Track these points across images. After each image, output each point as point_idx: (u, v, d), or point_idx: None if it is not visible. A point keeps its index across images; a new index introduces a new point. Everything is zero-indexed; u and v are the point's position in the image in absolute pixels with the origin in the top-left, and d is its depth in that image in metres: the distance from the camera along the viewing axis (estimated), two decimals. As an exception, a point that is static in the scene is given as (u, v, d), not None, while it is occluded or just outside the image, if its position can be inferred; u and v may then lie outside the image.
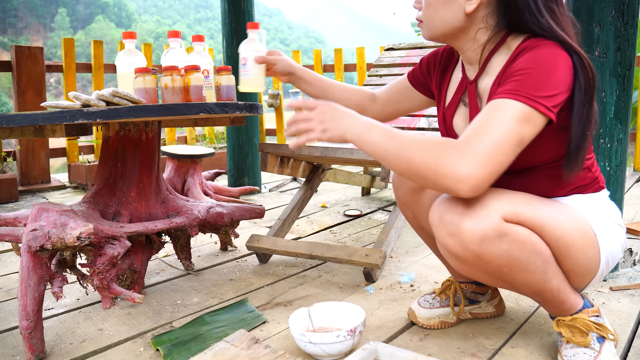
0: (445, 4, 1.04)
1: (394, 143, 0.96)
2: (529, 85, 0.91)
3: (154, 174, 1.65)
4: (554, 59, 0.94)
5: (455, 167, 0.89)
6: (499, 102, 0.92)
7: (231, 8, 3.18)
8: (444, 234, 1.00)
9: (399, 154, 0.95)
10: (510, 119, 0.90)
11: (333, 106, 1.04)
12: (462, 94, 1.16)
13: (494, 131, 0.89)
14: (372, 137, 0.98)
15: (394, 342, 1.28)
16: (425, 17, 1.09)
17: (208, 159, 4.25)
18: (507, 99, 0.92)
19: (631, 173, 3.91)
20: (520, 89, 0.91)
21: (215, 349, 1.10)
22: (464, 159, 0.89)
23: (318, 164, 2.18)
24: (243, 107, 1.48)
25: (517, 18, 1.01)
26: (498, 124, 0.90)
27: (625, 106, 1.65)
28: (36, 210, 1.29)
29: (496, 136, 0.89)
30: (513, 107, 0.90)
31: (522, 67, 0.94)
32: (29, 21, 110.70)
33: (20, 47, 3.71)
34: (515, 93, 0.91)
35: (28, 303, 1.22)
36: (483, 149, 0.89)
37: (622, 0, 1.58)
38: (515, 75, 0.94)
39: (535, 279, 1.02)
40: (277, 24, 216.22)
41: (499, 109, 0.91)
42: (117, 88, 1.34)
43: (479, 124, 0.91)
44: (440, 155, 0.90)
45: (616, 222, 1.12)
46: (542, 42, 0.97)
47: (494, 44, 1.06)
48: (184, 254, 1.84)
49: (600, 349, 1.08)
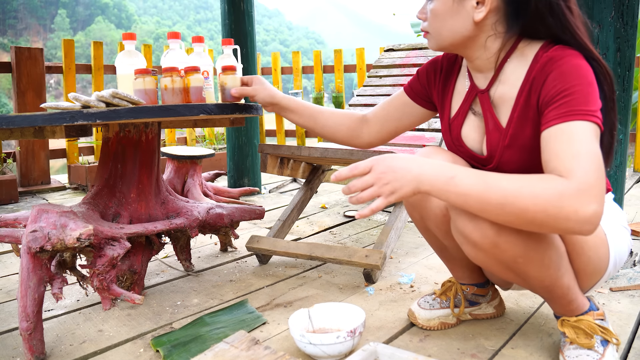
0: (454, 14, 1.01)
1: (493, 193, 0.87)
2: (582, 102, 0.91)
3: (153, 175, 1.65)
4: (587, 72, 0.93)
5: (579, 209, 0.83)
6: (569, 128, 0.90)
7: (231, 9, 3.18)
8: (464, 219, 1.00)
9: (503, 205, 0.87)
10: (590, 140, 0.88)
11: (389, 161, 0.93)
12: (470, 103, 1.13)
13: (590, 158, 0.87)
14: (458, 189, 0.90)
15: (393, 343, 1.28)
16: (432, 28, 1.06)
17: (208, 160, 4.25)
18: (573, 121, 0.90)
19: (631, 174, 3.91)
20: (578, 109, 0.90)
21: (215, 350, 1.10)
22: (584, 198, 0.84)
23: (318, 165, 2.18)
24: (243, 108, 1.48)
25: (532, 24, 0.99)
26: (588, 149, 0.87)
27: (625, 107, 1.65)
28: (36, 212, 1.29)
29: (595, 162, 0.87)
30: (585, 128, 0.89)
31: (566, 87, 0.92)
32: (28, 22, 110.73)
33: (20, 48, 3.71)
34: (577, 113, 0.90)
35: (28, 304, 1.22)
36: (592, 180, 0.85)
37: (622, 1, 1.58)
38: (562, 96, 0.92)
39: (549, 273, 1.02)
40: (277, 24, 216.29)
41: (577, 135, 0.88)
42: (116, 89, 1.34)
43: (571, 155, 0.87)
44: (557, 198, 0.84)
45: (623, 224, 1.12)
46: (568, 53, 0.95)
47: (506, 51, 1.04)
48: (184, 255, 1.84)
49: (604, 352, 1.08)
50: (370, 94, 2.58)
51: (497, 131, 1.07)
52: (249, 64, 3.23)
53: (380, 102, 2.44)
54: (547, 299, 1.12)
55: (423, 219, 1.23)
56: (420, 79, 1.25)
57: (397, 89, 2.51)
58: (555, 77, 0.94)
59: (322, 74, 5.26)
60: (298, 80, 5.34)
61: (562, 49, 0.96)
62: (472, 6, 0.99)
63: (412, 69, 2.60)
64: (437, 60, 1.23)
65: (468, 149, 1.14)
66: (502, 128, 1.06)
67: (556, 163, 0.89)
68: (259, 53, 5.07)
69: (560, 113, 0.91)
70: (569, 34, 0.97)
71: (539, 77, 0.97)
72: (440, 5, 1.02)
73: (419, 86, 1.26)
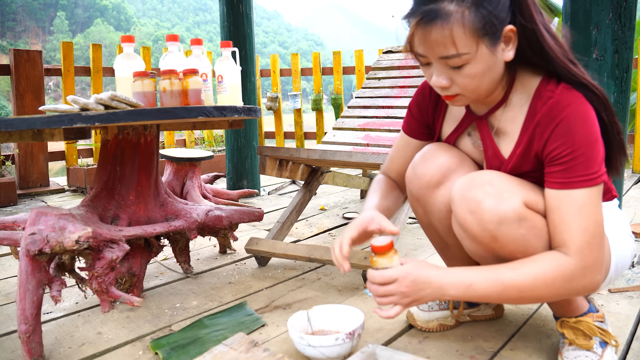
0: (493, 67, 0.95)
1: (511, 291, 0.96)
2: (590, 165, 0.93)
3: (152, 178, 1.65)
4: (592, 125, 0.94)
5: (586, 285, 0.96)
6: (579, 197, 0.94)
7: (230, 11, 3.18)
8: (465, 211, 1.01)
9: (522, 298, 0.97)
10: (596, 208, 0.95)
11: (413, 277, 0.99)
12: (466, 127, 1.14)
13: (597, 232, 0.95)
14: (477, 294, 0.98)
15: (392, 344, 1.28)
16: (467, 90, 0.97)
17: (207, 162, 4.25)
18: (581, 189, 0.94)
19: (630, 175, 3.92)
20: (587, 173, 0.93)
21: (214, 352, 1.10)
22: (591, 276, 0.95)
23: (317, 167, 2.18)
24: (241, 110, 1.48)
25: (532, 54, 0.99)
26: (595, 221, 0.94)
27: (623, 108, 1.66)
28: (35, 214, 1.29)
29: (600, 235, 0.95)
30: (592, 195, 0.94)
31: (570, 150, 0.94)
32: (27, 25, 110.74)
33: (19, 50, 3.71)
34: (583, 180, 0.94)
35: (27, 307, 1.22)
36: (599, 256, 0.95)
37: (620, 3, 1.58)
38: (572, 157, 0.94)
39: None
40: (276, 26, 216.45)
41: (586, 207, 0.94)
42: (115, 92, 1.34)
43: (582, 230, 0.94)
44: (568, 283, 0.94)
45: (627, 232, 1.12)
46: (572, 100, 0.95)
47: (509, 81, 1.03)
48: (183, 257, 1.84)
49: (603, 353, 1.08)
50: (369, 95, 2.58)
51: (496, 159, 1.08)
52: (247, 66, 3.23)
53: (379, 103, 2.45)
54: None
55: (427, 214, 1.21)
56: (413, 114, 1.24)
57: (395, 90, 2.51)
58: (563, 133, 0.94)
59: (321, 76, 5.26)
60: (297, 82, 5.35)
61: (567, 92, 0.96)
62: (502, 49, 0.95)
63: (410, 70, 2.61)
64: (424, 87, 1.20)
65: None
66: (502, 158, 1.07)
67: (565, 238, 0.95)
68: (258, 55, 5.07)
69: (569, 177, 0.94)
70: (557, 66, 0.97)
71: (545, 124, 0.97)
72: (479, 66, 0.93)
73: (415, 122, 1.24)
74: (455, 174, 1.12)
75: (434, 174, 1.13)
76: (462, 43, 0.90)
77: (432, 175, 1.13)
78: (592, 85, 0.97)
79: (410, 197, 1.22)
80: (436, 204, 1.16)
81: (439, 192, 1.14)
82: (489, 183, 0.99)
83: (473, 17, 0.88)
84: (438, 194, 1.15)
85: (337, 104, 5.16)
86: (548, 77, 0.99)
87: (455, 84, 0.97)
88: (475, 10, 0.88)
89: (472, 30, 0.89)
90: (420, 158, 1.16)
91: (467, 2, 0.89)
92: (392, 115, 2.35)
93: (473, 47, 0.91)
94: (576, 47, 1.67)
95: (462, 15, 0.88)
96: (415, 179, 1.17)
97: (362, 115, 2.45)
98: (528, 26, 0.94)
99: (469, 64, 0.93)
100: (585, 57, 1.65)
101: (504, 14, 0.91)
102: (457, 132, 1.15)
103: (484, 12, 0.89)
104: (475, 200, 0.99)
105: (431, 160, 1.14)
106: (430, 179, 1.14)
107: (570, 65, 0.97)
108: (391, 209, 1.24)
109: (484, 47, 0.91)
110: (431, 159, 1.14)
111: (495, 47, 0.93)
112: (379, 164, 1.69)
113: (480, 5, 0.88)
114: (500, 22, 0.91)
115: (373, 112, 2.43)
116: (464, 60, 0.92)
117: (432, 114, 1.20)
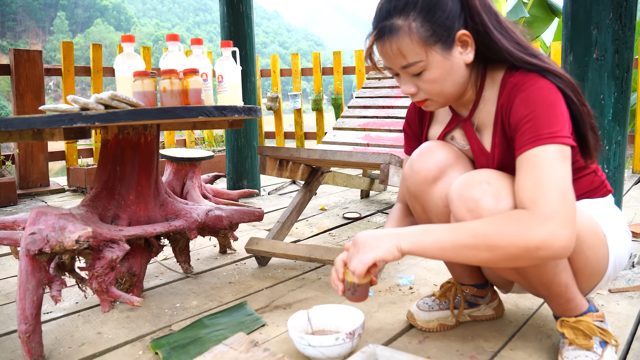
0: (450, 70, 1.01)
1: (463, 234, 0.93)
2: (544, 125, 0.94)
3: (152, 177, 1.65)
4: (548, 92, 0.97)
5: (545, 237, 0.88)
6: (533, 155, 0.94)
7: (230, 11, 3.18)
8: (463, 210, 1.01)
9: (475, 245, 0.92)
10: (554, 164, 0.92)
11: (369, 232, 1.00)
12: (450, 130, 1.19)
13: (552, 184, 0.91)
14: (432, 238, 0.95)
15: (392, 344, 1.28)
16: (432, 94, 1.05)
17: (207, 162, 4.25)
18: (535, 147, 0.94)
19: (630, 175, 3.92)
20: (539, 133, 0.94)
21: (214, 352, 1.10)
22: (548, 226, 0.89)
23: (317, 167, 2.18)
24: (242, 110, 1.48)
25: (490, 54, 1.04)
26: (550, 175, 0.91)
27: (623, 108, 1.66)
28: (35, 214, 1.29)
29: (557, 187, 0.91)
30: (548, 153, 0.93)
31: (527, 113, 0.96)
32: (28, 24, 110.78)
33: (19, 50, 3.71)
34: (538, 139, 0.93)
35: (26, 307, 1.22)
36: (556, 206, 0.89)
37: (620, 3, 1.58)
38: (525, 122, 0.96)
39: (546, 269, 1.02)
40: (276, 27, 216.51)
41: (539, 162, 0.93)
42: (115, 91, 1.34)
43: (533, 185, 0.92)
44: (523, 231, 0.89)
45: (624, 228, 1.12)
46: (528, 78, 0.99)
47: (480, 79, 1.09)
48: (183, 257, 1.84)
49: (603, 353, 1.08)
50: (369, 95, 2.58)
51: (483, 156, 1.12)
52: (248, 66, 3.23)
53: (379, 103, 2.45)
54: (545, 298, 1.12)
55: (425, 211, 1.21)
56: (407, 133, 1.31)
57: (395, 90, 2.51)
58: (518, 103, 0.98)
59: (321, 76, 5.26)
60: (297, 82, 5.35)
61: (523, 75, 1.01)
62: (459, 52, 1.01)
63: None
64: (411, 105, 1.28)
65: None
66: (487, 152, 1.11)
67: (521, 195, 0.94)
68: (258, 55, 5.07)
69: (525, 140, 0.96)
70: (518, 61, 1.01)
71: (506, 104, 1.02)
72: (436, 71, 1.01)
73: (411, 141, 1.31)
74: (452, 170, 1.13)
75: (431, 169, 1.14)
76: (413, 52, 0.98)
77: (429, 171, 1.14)
78: (554, 70, 1.00)
79: (408, 194, 1.23)
80: (433, 200, 1.17)
81: (436, 188, 1.15)
82: (487, 182, 1.00)
83: (419, 27, 0.97)
84: (435, 189, 1.16)
85: (337, 104, 5.16)
86: (510, 68, 1.04)
87: (421, 90, 1.05)
88: (421, 21, 0.97)
89: (419, 40, 0.97)
90: (417, 154, 1.18)
91: (414, 15, 0.97)
92: (392, 115, 2.35)
93: (423, 54, 0.99)
94: (576, 47, 1.67)
95: (409, 28, 0.97)
96: (412, 175, 1.19)
97: (362, 115, 2.45)
98: (480, 29, 1.00)
99: (426, 70, 1.01)
100: (585, 57, 1.65)
101: (452, 20, 0.98)
102: (444, 133, 1.20)
103: (430, 22, 0.96)
104: (473, 199, 0.99)
105: (428, 156, 1.15)
106: (427, 174, 1.15)
107: (528, 58, 1.01)
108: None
109: (436, 54, 0.99)
110: (428, 155, 1.15)
111: (450, 52, 1.00)
112: (379, 163, 1.69)
113: (426, 16, 0.96)
114: (449, 29, 0.98)
115: (373, 112, 2.43)
116: (420, 67, 1.00)
117: (419, 123, 1.27)
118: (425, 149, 1.17)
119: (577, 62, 1.67)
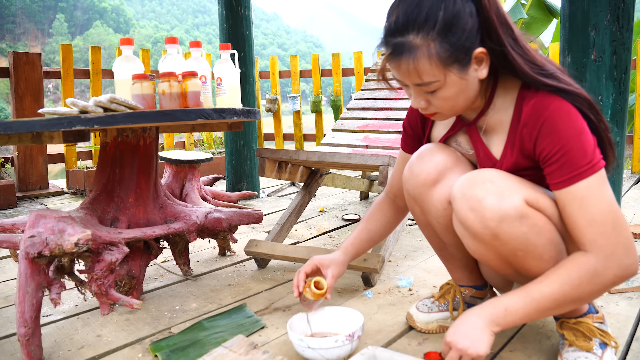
0: (465, 87, 1.00)
1: (546, 305, 0.97)
2: (579, 158, 0.94)
3: (152, 180, 1.65)
4: (575, 119, 0.96)
5: (616, 273, 0.94)
6: (578, 191, 0.95)
7: (229, 13, 3.19)
8: (466, 208, 1.01)
9: (559, 306, 0.97)
10: (600, 194, 0.94)
11: (460, 331, 1.00)
12: (454, 133, 1.18)
13: (605, 218, 0.94)
14: (517, 317, 0.98)
15: (392, 346, 1.28)
16: (443, 108, 1.04)
17: (206, 164, 4.25)
18: (578, 182, 0.94)
19: (628, 176, 3.92)
20: (578, 167, 0.94)
21: (213, 354, 1.10)
22: (615, 262, 0.93)
23: (316, 169, 2.18)
24: (240, 112, 1.48)
25: (504, 70, 1.03)
26: (600, 207, 0.94)
27: (621, 109, 1.66)
28: (34, 217, 1.29)
29: (610, 219, 0.94)
30: (591, 184, 0.94)
31: (559, 147, 0.95)
32: (27, 27, 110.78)
33: (18, 53, 3.71)
34: (579, 173, 0.94)
35: (26, 310, 1.22)
36: (614, 239, 0.93)
37: (618, 5, 1.59)
38: (559, 157, 0.96)
39: (547, 269, 1.02)
40: (275, 28, 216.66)
41: (587, 198, 0.94)
42: (114, 94, 1.34)
43: (588, 223, 0.94)
44: (596, 277, 0.94)
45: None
46: (548, 101, 0.98)
47: (491, 87, 1.07)
48: (182, 259, 1.84)
49: (602, 354, 1.08)
50: (368, 97, 2.58)
51: (489, 161, 1.11)
52: (246, 68, 3.24)
53: (377, 104, 2.45)
54: None
55: (424, 213, 1.22)
56: (407, 131, 1.30)
57: (394, 92, 2.51)
58: (549, 131, 0.97)
59: (320, 78, 5.26)
60: (296, 84, 5.35)
61: (546, 94, 0.99)
62: (474, 70, 0.99)
63: (409, 72, 2.61)
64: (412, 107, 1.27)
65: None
66: (494, 158, 1.10)
67: (578, 234, 0.96)
68: (257, 57, 5.08)
69: (564, 175, 0.95)
70: (530, 81, 1.00)
71: (532, 124, 0.99)
72: (451, 89, 0.99)
73: (409, 138, 1.30)
74: (451, 172, 1.13)
75: (430, 172, 1.14)
76: (430, 73, 0.96)
77: (428, 173, 1.14)
78: (570, 89, 0.99)
79: (407, 196, 1.23)
80: (433, 202, 1.17)
81: (436, 190, 1.16)
82: (490, 181, 1.00)
83: (438, 49, 0.93)
84: (435, 192, 1.16)
85: (336, 105, 5.16)
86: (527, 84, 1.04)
87: (432, 105, 1.03)
88: (440, 41, 0.93)
89: (438, 61, 0.94)
90: (416, 157, 1.18)
91: (433, 35, 0.93)
92: (391, 116, 2.35)
93: (441, 75, 0.96)
94: (574, 49, 1.68)
95: (428, 48, 0.93)
96: (412, 178, 1.19)
97: (361, 117, 2.45)
98: (496, 49, 0.98)
99: (441, 89, 0.99)
100: (583, 58, 1.65)
101: (471, 40, 0.95)
102: (447, 136, 1.19)
103: (450, 43, 0.93)
104: (477, 198, 0.99)
105: (427, 159, 1.15)
106: (426, 176, 1.15)
107: (544, 79, 0.99)
108: (372, 234, 1.36)
109: (453, 75, 0.97)
110: (427, 157, 1.15)
111: (466, 71, 0.98)
112: (378, 165, 1.69)
113: (445, 37, 0.93)
114: (467, 49, 0.95)
115: (372, 114, 2.43)
116: (436, 86, 0.98)
117: (421, 124, 1.26)
118: (424, 152, 1.17)
119: (575, 63, 1.68)
